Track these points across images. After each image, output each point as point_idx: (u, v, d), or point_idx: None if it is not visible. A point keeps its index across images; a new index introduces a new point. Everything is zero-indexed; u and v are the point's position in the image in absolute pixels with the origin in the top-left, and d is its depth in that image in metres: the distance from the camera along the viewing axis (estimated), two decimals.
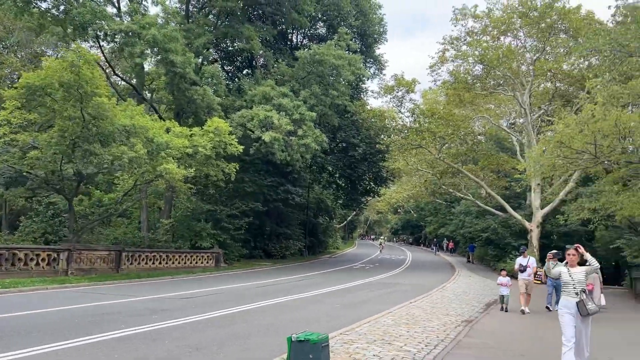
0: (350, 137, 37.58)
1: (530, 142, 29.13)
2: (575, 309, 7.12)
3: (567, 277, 7.39)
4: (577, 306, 7.10)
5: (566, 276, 7.40)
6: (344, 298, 16.33)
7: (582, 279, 7.27)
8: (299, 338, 5.71)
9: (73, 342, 8.31)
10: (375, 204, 72.50)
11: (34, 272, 17.55)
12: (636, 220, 18.75)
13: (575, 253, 7.43)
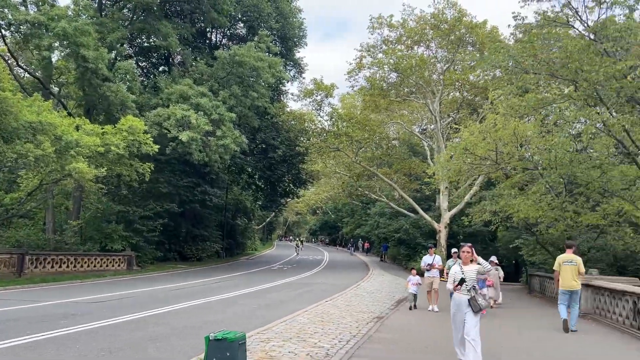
0: (270, 138, 37.71)
1: (440, 147, 30.86)
2: (467, 306, 7.26)
3: (459, 275, 7.47)
4: (469, 303, 7.24)
5: (459, 274, 7.47)
6: (262, 299, 16.48)
7: (473, 277, 7.41)
8: (216, 337, 5.84)
9: None
10: (294, 205, 73.13)
11: None
12: (531, 222, 20.44)
13: (469, 251, 7.57)
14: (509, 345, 9.76)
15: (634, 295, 11.54)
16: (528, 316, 14.61)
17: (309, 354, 8.22)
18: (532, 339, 10.50)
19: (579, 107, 16.19)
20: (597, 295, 14.07)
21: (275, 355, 7.90)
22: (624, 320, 12.00)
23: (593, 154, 18.52)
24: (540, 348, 9.54)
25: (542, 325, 12.57)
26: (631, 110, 15.77)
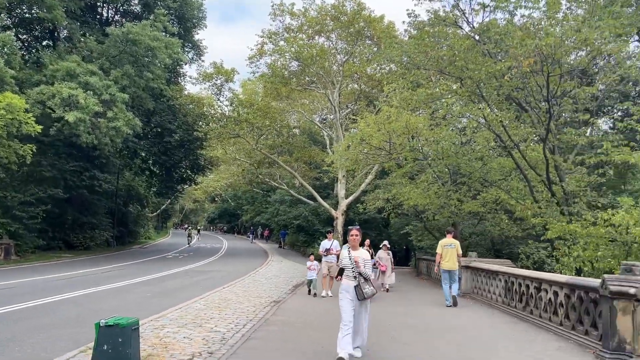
0: (166, 122, 36.27)
1: (339, 137, 31.70)
2: (354, 293, 6.94)
3: (347, 260, 7.11)
4: (355, 290, 6.92)
5: (346, 260, 7.11)
6: (156, 287, 16.01)
7: (361, 263, 7.06)
8: (107, 323, 5.64)
9: None
10: (192, 192, 71.25)
11: None
12: (420, 209, 21.79)
13: (357, 234, 7.16)
14: (398, 321, 10.42)
15: (505, 275, 12.79)
16: (415, 296, 15.63)
17: (205, 338, 8.20)
18: (417, 315, 11.29)
19: (464, 103, 17.48)
20: (475, 276, 15.38)
21: (170, 341, 7.79)
22: (497, 297, 13.26)
23: (476, 147, 20.13)
24: (424, 321, 10.31)
25: (426, 302, 13.64)
26: (508, 108, 17.34)
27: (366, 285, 6.95)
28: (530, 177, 16.19)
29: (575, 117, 16.87)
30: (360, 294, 6.89)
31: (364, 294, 6.90)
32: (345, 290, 7.04)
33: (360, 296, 6.89)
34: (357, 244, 7.19)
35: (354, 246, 7.18)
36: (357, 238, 7.18)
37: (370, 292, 6.97)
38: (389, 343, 8.31)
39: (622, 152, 13.74)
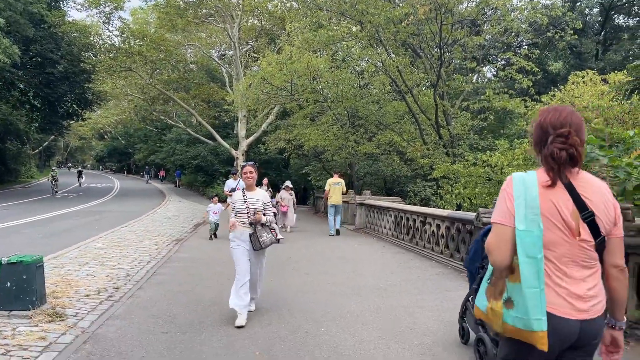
0: (47, 51, 33.00)
1: (239, 75, 31.05)
2: (249, 241, 5.92)
3: (241, 203, 5.99)
4: (250, 238, 5.89)
5: (240, 202, 6.00)
6: (47, 227, 15.29)
7: (259, 207, 5.98)
8: (10, 260, 5.51)
9: None
10: (78, 128, 66.46)
11: None
12: (319, 150, 22.49)
13: (252, 171, 6.03)
14: (299, 255, 11.08)
15: (395, 211, 13.92)
16: (315, 232, 16.47)
17: (109, 275, 8.22)
18: (316, 249, 12.05)
19: (363, 46, 17.98)
20: (369, 212, 16.50)
21: (73, 279, 7.73)
22: (387, 231, 14.45)
23: (373, 91, 20.94)
24: (323, 254, 11.07)
25: (322, 234, 14.55)
26: (404, 53, 18.13)
27: (264, 233, 5.93)
28: (421, 121, 17.34)
29: (463, 64, 18.12)
30: (257, 244, 5.86)
31: (260, 244, 5.87)
32: (239, 239, 5.94)
33: (256, 246, 5.86)
34: (252, 182, 6.05)
35: (250, 186, 6.07)
36: (253, 176, 6.00)
37: (268, 241, 5.94)
38: (290, 273, 8.91)
39: (502, 99, 15.17)
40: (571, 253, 2.19)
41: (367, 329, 5.60)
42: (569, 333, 2.16)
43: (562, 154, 2.16)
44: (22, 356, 4.53)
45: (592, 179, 2.27)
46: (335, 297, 7.13)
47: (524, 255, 2.12)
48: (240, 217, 5.97)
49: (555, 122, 2.23)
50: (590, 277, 2.21)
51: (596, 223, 2.19)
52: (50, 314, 5.67)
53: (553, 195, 2.19)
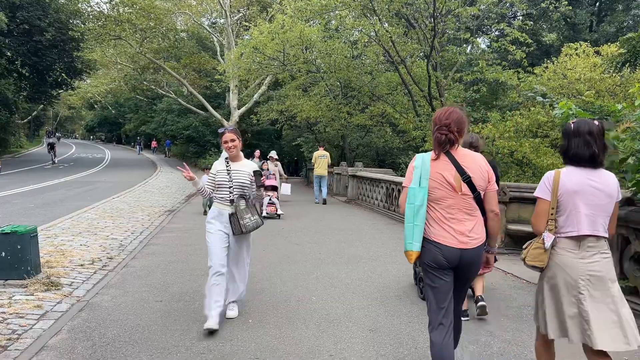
0: (34, 18, 32.26)
1: (230, 44, 30.62)
2: (228, 224, 4.78)
3: (224, 175, 4.80)
4: (230, 220, 4.75)
5: (223, 175, 4.81)
6: (38, 198, 15.26)
7: (245, 181, 4.82)
8: (3, 230, 5.56)
9: None
10: (67, 98, 65.55)
11: None
12: (312, 121, 22.42)
13: (235, 138, 4.84)
14: (290, 226, 11.19)
15: (387, 182, 14.02)
16: (305, 202, 16.58)
17: (102, 245, 8.30)
18: (305, 216, 12.17)
19: (356, 16, 17.75)
20: (360, 184, 16.60)
21: (67, 249, 7.79)
22: (379, 202, 14.57)
23: (366, 61, 20.78)
24: (310, 221, 11.19)
25: (314, 205, 14.63)
26: (398, 23, 17.94)
27: (246, 214, 4.76)
28: (414, 92, 17.30)
29: (457, 35, 17.99)
30: (237, 227, 4.70)
31: (241, 227, 4.70)
32: (217, 220, 4.79)
33: (236, 229, 4.71)
34: (237, 152, 4.87)
35: (234, 156, 4.87)
36: (235, 144, 4.81)
37: (252, 224, 4.77)
38: (282, 244, 9.02)
39: (495, 70, 15.14)
40: (456, 203, 3.15)
41: (357, 297, 5.74)
42: (453, 256, 3.12)
43: (442, 138, 3.13)
44: (19, 324, 4.62)
45: (471, 153, 3.24)
46: (327, 266, 7.26)
47: (408, 202, 3.19)
48: (220, 193, 4.79)
49: (442, 118, 3.17)
50: (470, 221, 3.16)
51: (473, 183, 3.13)
52: (45, 283, 5.75)
53: (439, 166, 3.17)
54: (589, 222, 3.03)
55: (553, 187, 3.11)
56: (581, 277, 3.00)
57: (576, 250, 3.05)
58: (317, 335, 4.54)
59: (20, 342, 4.21)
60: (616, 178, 3.09)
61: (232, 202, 4.77)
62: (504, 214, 8.46)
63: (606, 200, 3.04)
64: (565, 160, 3.16)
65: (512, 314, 5.34)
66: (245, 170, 4.86)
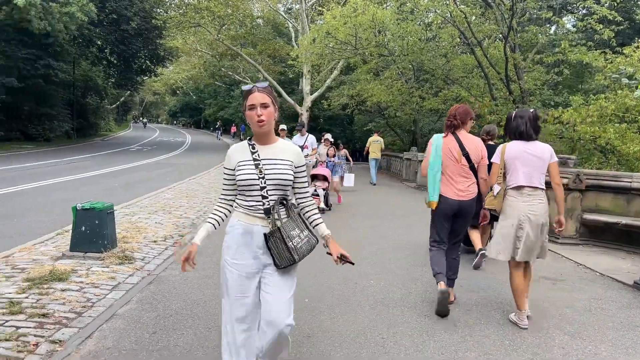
0: (122, 8, 34.21)
1: (304, 29, 30.81)
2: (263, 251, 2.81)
3: (249, 169, 2.79)
4: (265, 243, 2.77)
5: (249, 168, 2.79)
6: (122, 178, 16.27)
7: (286, 176, 2.82)
8: (84, 206, 5.98)
9: None
10: (151, 84, 69.01)
11: None
12: (383, 105, 22.17)
13: (267, 102, 2.75)
14: (352, 209, 11.19)
15: None
16: (372, 188, 16.47)
17: (175, 224, 8.71)
18: (366, 198, 12.10)
19: None
20: None
21: (142, 226, 8.26)
22: None
23: (441, 43, 20.15)
24: (375, 207, 11.12)
25: (381, 191, 14.49)
26: (474, 3, 17.22)
27: (294, 229, 2.82)
28: (491, 75, 16.58)
29: (539, 14, 16.98)
30: (284, 253, 2.78)
31: (291, 253, 2.77)
32: (241, 245, 2.84)
33: (284, 257, 2.78)
34: (270, 128, 2.85)
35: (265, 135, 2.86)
36: (270, 112, 2.78)
37: (306, 246, 2.85)
38: (343, 227, 9.03)
39: (579, 51, 14.16)
40: (457, 170, 4.65)
41: (414, 283, 5.65)
42: (453, 205, 4.64)
43: (449, 123, 4.75)
44: (94, 293, 4.97)
45: (471, 136, 4.74)
46: (386, 251, 7.19)
47: (429, 169, 4.70)
48: (244, 199, 2.82)
49: (453, 110, 4.81)
50: (466, 182, 4.66)
51: (470, 157, 4.64)
52: (120, 256, 6.14)
53: (448, 143, 4.69)
54: (525, 177, 4.37)
55: (501, 155, 4.51)
56: (522, 214, 4.34)
57: (519, 196, 4.40)
58: (370, 318, 4.53)
59: (93, 309, 4.54)
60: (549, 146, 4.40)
61: (267, 213, 2.74)
62: (579, 202, 7.96)
63: (539, 163, 4.36)
64: (511, 136, 4.54)
65: (580, 305, 5.04)
66: (285, 157, 2.81)
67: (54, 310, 4.42)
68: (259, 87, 2.77)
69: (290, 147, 2.91)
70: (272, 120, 2.79)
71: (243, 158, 2.83)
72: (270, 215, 2.75)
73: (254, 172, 2.76)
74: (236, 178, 2.81)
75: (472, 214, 4.75)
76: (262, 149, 2.83)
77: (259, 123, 2.73)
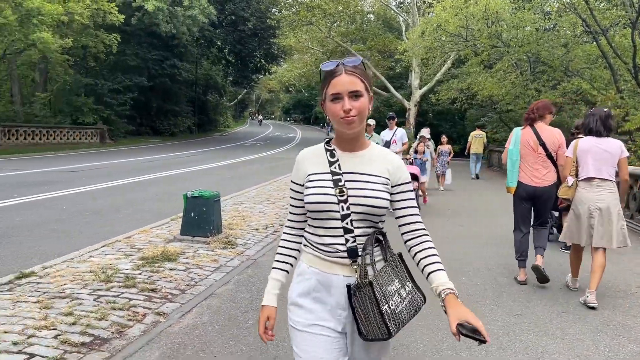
0: (239, 10, 36.20)
1: (415, 22, 30.31)
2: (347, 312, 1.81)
3: (324, 188, 1.81)
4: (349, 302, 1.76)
5: (323, 186, 1.81)
6: (234, 171, 17.29)
7: (378, 199, 1.78)
8: (193, 194, 6.51)
9: None
10: (266, 82, 72.09)
11: None
12: (495, 99, 21.16)
13: (358, 89, 1.76)
14: (457, 205, 10.88)
15: None
16: (482, 186, 15.83)
17: (277, 214, 9.11)
18: (477, 199, 11.67)
19: None
20: None
21: (247, 215, 8.76)
22: None
23: (560, 33, 18.78)
24: (480, 203, 10.70)
25: (489, 190, 13.90)
26: None
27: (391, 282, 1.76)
28: (617, 66, 15.16)
29: None
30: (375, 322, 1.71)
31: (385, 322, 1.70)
32: (314, 299, 1.89)
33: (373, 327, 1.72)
34: (360, 125, 1.82)
35: (355, 139, 1.88)
36: (363, 105, 1.77)
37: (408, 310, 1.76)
38: (445, 223, 8.82)
39: None
40: (535, 159, 5.18)
41: (508, 282, 5.40)
42: (529, 190, 5.20)
43: (528, 116, 5.30)
44: (198, 273, 5.39)
45: (549, 127, 5.24)
46: (483, 247, 6.93)
47: (508, 158, 5.31)
48: (321, 231, 1.86)
49: (533, 105, 5.38)
50: (544, 169, 5.18)
51: (546, 146, 5.13)
52: (224, 241, 6.59)
53: (526, 134, 5.23)
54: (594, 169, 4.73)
55: (573, 149, 4.89)
56: (591, 204, 4.71)
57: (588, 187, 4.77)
58: None
59: (195, 288, 4.94)
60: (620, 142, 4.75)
61: (353, 256, 1.80)
62: None
63: (609, 157, 4.70)
64: (584, 132, 4.96)
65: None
66: (378, 172, 1.85)
67: (162, 286, 4.88)
68: (348, 66, 1.79)
69: (386, 155, 1.89)
70: (366, 116, 1.81)
71: (316, 170, 1.88)
72: (358, 260, 1.76)
73: (331, 192, 1.78)
74: (305, 199, 1.86)
75: (551, 199, 5.30)
76: (346, 157, 1.86)
77: (347, 121, 1.74)
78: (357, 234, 1.78)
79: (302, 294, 1.93)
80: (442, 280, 1.73)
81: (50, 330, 3.72)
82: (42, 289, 4.63)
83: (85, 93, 27.46)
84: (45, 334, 3.65)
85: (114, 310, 4.17)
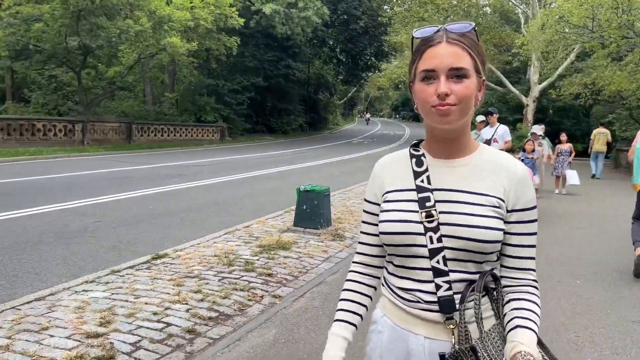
0: (351, 8, 36.70)
1: (535, 14, 28.67)
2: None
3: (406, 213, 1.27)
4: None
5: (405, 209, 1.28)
6: (343, 167, 17.70)
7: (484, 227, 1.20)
8: (305, 188, 6.91)
9: (111, 197, 9.61)
10: (376, 79, 72.17)
11: (52, 142, 18.80)
12: (624, 95, 19.48)
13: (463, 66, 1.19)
14: (576, 208, 10.27)
15: None
16: (608, 187, 14.69)
17: None
18: (603, 201, 10.90)
19: None
20: None
21: (354, 210, 9.03)
22: None
23: None
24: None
25: (616, 192, 12.88)
26: None
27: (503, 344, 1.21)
28: None
29: None
30: None
31: None
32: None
33: None
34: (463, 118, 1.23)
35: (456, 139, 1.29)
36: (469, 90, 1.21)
37: None
38: (563, 227, 8.41)
39: None
40: None
41: (628, 286, 5.08)
42: None
43: None
44: (309, 262, 5.75)
45: None
46: (599, 252, 6.52)
47: (635, 156, 5.49)
48: (401, 270, 1.31)
49: None
50: None
51: None
52: (333, 234, 6.90)
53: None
54: None
55: None
56: None
57: None
58: (567, 315, 4.31)
59: (307, 275, 5.29)
60: None
61: (445, 310, 1.23)
62: None
63: None
64: None
65: None
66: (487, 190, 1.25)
67: (277, 272, 5.29)
68: (452, 33, 1.22)
69: (502, 163, 1.29)
70: (471, 107, 1.25)
71: (396, 185, 1.36)
72: (455, 317, 1.23)
73: (415, 217, 1.26)
74: (379, 225, 1.33)
75: None
76: (439, 167, 1.32)
77: (441, 111, 1.20)
78: (454, 279, 1.23)
79: (375, 351, 1.41)
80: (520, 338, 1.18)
81: (183, 304, 4.24)
82: (174, 269, 5.24)
83: (207, 93, 29.59)
84: (179, 307, 4.17)
85: (235, 291, 4.62)
